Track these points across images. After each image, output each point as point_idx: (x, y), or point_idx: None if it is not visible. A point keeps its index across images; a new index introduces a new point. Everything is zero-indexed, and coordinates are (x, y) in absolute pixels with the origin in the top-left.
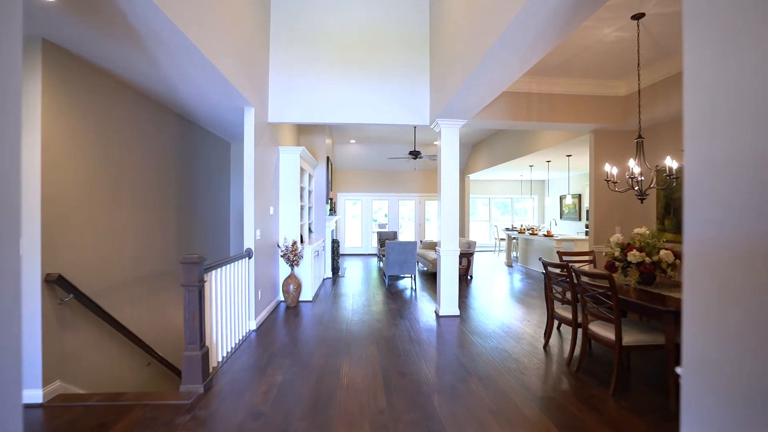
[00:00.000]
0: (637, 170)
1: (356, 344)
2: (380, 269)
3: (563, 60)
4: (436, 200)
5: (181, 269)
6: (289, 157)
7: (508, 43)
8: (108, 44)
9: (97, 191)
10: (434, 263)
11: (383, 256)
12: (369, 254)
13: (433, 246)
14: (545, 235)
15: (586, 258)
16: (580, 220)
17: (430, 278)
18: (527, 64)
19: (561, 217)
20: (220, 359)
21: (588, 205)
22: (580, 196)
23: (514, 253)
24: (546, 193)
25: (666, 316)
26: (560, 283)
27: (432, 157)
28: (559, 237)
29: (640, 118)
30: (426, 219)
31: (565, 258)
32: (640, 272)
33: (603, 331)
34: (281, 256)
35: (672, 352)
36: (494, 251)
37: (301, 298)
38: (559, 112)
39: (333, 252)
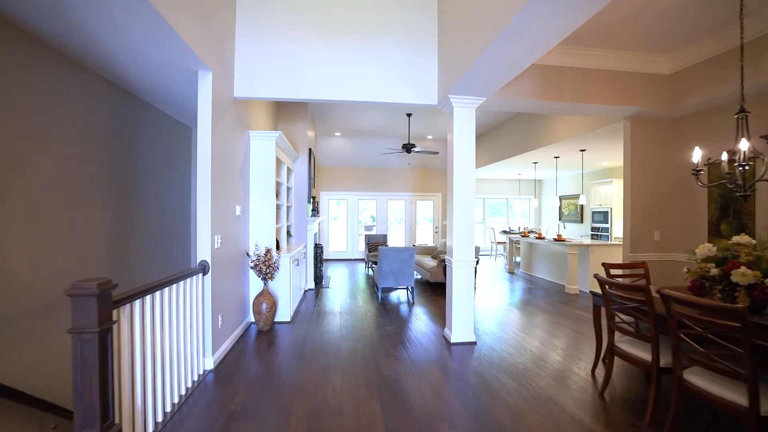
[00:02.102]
0: (743, 149)
1: (349, 394)
2: (369, 278)
3: (604, 25)
4: (427, 200)
5: (69, 306)
6: (263, 145)
7: None
8: None
9: None
10: (433, 272)
11: (374, 263)
12: (355, 259)
13: (429, 252)
14: (555, 239)
15: (636, 271)
16: (582, 222)
17: (428, 289)
18: (577, 19)
19: (560, 219)
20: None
21: (589, 206)
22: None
23: (515, 259)
24: (549, 193)
25: None
26: (627, 309)
27: (429, 152)
28: (574, 242)
29: (685, 102)
30: (416, 222)
31: (613, 271)
32: (751, 298)
33: (714, 386)
34: (252, 267)
35: None
36: (491, 255)
37: (277, 318)
38: (595, 91)
39: (316, 259)
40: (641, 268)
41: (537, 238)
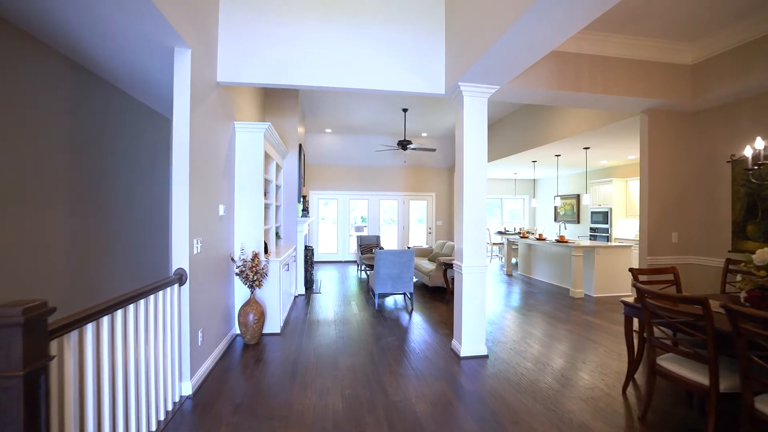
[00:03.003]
0: None
1: (354, 425)
2: (362, 281)
3: (626, 8)
4: (421, 200)
5: None
6: (249, 137)
7: None
8: None
9: None
10: (432, 276)
11: (368, 266)
12: (346, 261)
13: (426, 254)
14: (558, 241)
15: (662, 277)
16: (579, 222)
17: (426, 294)
18: None
19: (555, 220)
20: None
21: (587, 206)
22: (578, 197)
23: (513, 260)
24: (544, 192)
25: None
26: (675, 324)
27: (425, 148)
28: (578, 243)
29: (707, 94)
30: (410, 223)
31: (641, 277)
32: None
33: None
34: (237, 274)
35: None
36: (487, 257)
37: (265, 330)
38: (614, 81)
39: (306, 262)
40: (671, 273)
41: (538, 239)
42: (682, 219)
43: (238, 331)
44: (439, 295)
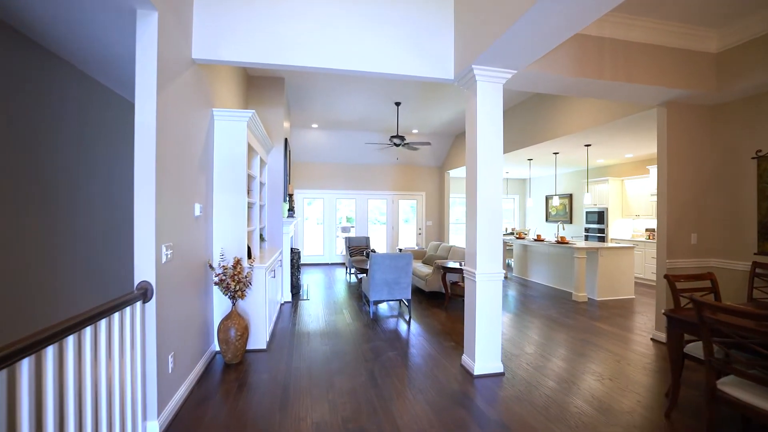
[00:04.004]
0: None
1: None
2: (352, 286)
3: None
4: (411, 199)
5: None
6: (231, 127)
7: None
8: None
9: None
10: (428, 280)
11: (360, 270)
12: (333, 264)
13: (420, 256)
14: (558, 242)
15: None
16: (571, 222)
17: (422, 300)
18: None
19: (546, 220)
20: None
21: (582, 206)
22: (570, 196)
23: (507, 261)
24: (536, 192)
25: None
26: (748, 344)
27: (421, 143)
28: (579, 244)
29: (732, 86)
30: (399, 223)
31: (678, 284)
32: None
33: None
34: (216, 283)
35: None
36: None
37: (250, 346)
38: (637, 68)
39: (293, 266)
40: (708, 280)
41: (536, 240)
42: (701, 219)
43: (217, 348)
44: (436, 300)
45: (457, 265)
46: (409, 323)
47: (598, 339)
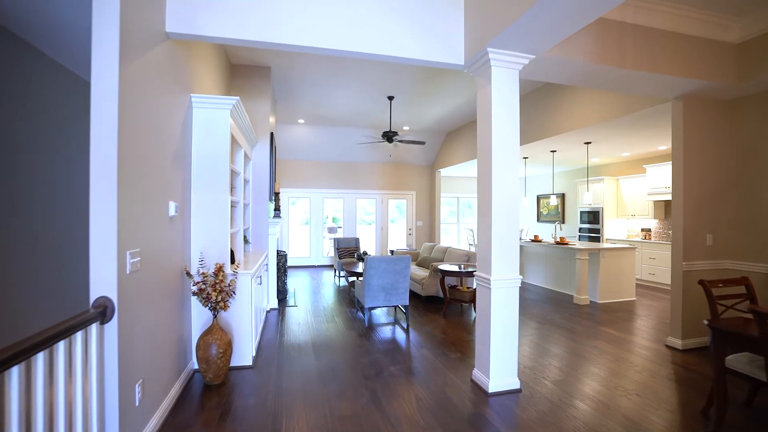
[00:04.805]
0: None
1: None
2: (342, 290)
3: None
4: (400, 199)
5: None
6: (212, 116)
7: None
8: None
9: None
10: (425, 284)
11: (352, 274)
12: (320, 266)
13: (414, 257)
14: (558, 243)
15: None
16: (563, 222)
17: (418, 305)
18: None
19: (538, 220)
20: None
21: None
22: (563, 196)
23: None
24: (528, 192)
25: None
26: None
27: (415, 141)
28: (579, 245)
29: (754, 77)
30: (389, 223)
31: (715, 291)
32: None
33: None
34: (195, 293)
35: None
36: None
37: (234, 362)
38: (659, 57)
39: (279, 270)
40: (742, 285)
41: (533, 240)
42: (716, 219)
43: (197, 366)
44: (433, 306)
45: (456, 268)
46: (407, 332)
47: (610, 347)
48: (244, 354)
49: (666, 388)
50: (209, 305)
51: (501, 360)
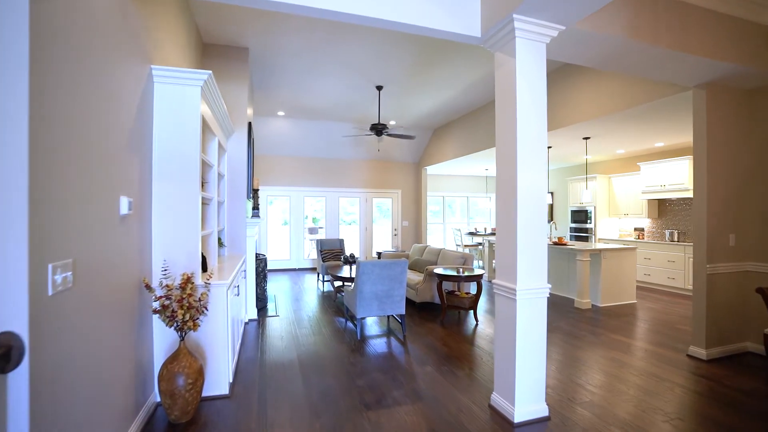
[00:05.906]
0: None
1: None
2: (327, 296)
3: None
4: (385, 198)
5: None
6: (178, 93)
7: None
8: None
9: None
10: (420, 289)
11: (336, 278)
12: (301, 269)
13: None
14: (556, 243)
15: None
16: (551, 220)
17: (413, 312)
18: None
19: None
20: None
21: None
22: (552, 195)
23: (493, 264)
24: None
25: None
26: None
27: (405, 135)
28: (579, 246)
29: None
30: (374, 223)
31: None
32: None
33: None
34: (156, 311)
35: None
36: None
37: (206, 392)
38: (695, 36)
39: (258, 275)
40: None
41: None
42: (740, 219)
43: (159, 399)
44: (429, 313)
45: (453, 272)
46: (405, 344)
47: (628, 357)
48: (219, 381)
49: (706, 407)
50: (175, 325)
51: (528, 384)
